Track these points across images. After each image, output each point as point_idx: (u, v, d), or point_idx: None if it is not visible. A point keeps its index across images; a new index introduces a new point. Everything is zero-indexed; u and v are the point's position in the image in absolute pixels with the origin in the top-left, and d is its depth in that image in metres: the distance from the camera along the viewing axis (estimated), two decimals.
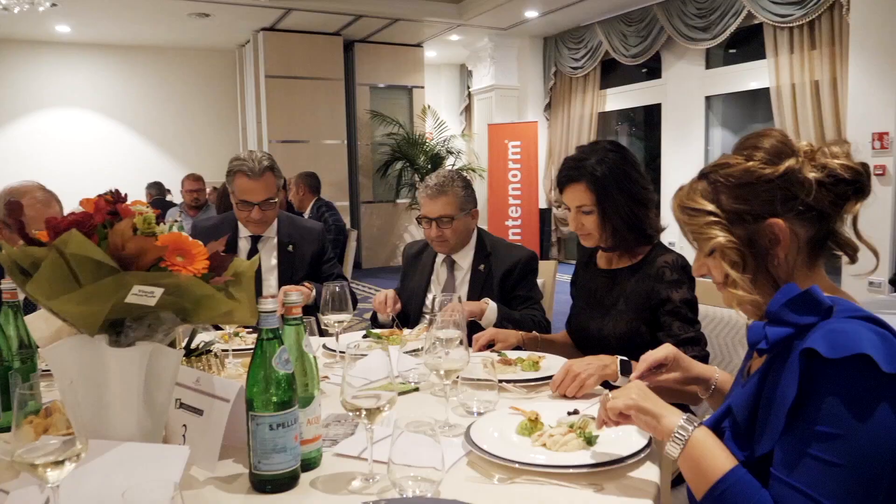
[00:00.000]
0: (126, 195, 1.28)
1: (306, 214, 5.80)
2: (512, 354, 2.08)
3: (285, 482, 1.22)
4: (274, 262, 2.94)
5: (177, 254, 1.16)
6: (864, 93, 6.31)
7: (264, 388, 1.19)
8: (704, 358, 1.94)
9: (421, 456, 1.23)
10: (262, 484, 1.21)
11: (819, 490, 0.99)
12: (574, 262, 2.71)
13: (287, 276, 2.88)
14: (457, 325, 1.68)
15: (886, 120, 6.13)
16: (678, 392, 1.59)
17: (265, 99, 10.34)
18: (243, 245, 2.93)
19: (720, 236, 1.20)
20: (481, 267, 2.64)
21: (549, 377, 1.88)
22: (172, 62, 11.32)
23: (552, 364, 1.99)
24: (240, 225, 2.93)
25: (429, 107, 11.56)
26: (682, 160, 8.81)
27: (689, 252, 2.27)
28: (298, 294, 1.32)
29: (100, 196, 1.24)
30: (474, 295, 2.56)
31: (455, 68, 13.13)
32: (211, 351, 1.64)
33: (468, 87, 12.24)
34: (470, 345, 1.97)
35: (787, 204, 1.17)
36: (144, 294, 1.07)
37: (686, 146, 8.87)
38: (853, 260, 1.24)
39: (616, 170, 2.06)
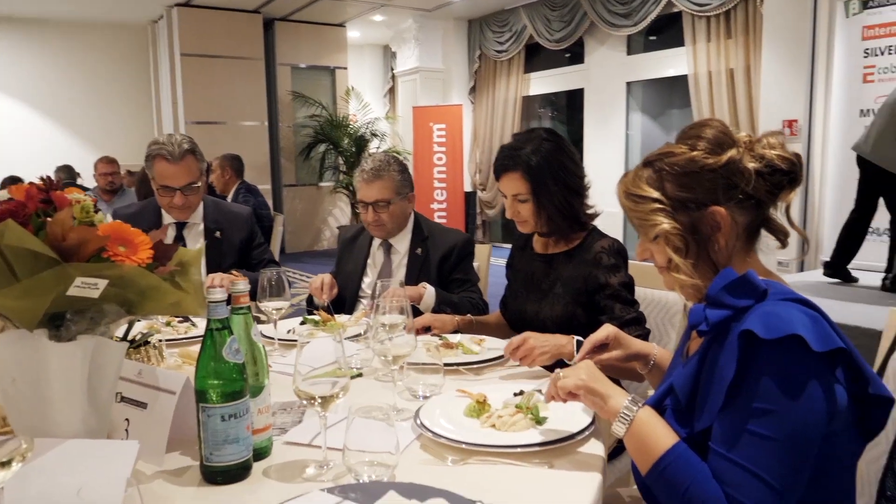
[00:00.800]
0: (58, 181, 1.23)
1: (229, 198, 5.66)
2: (453, 338, 2.11)
3: (238, 473, 1.21)
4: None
5: (119, 243, 1.12)
6: (775, 81, 6.60)
7: (215, 379, 1.17)
8: (645, 335, 2.02)
9: (374, 441, 1.24)
10: (215, 475, 1.20)
11: (755, 462, 1.06)
12: (499, 244, 2.77)
13: (215, 264, 2.81)
14: (403, 311, 1.69)
15: (796, 108, 6.44)
16: (620, 368, 1.66)
17: (181, 78, 9.97)
18: (168, 232, 2.84)
19: (665, 223, 1.25)
20: (418, 251, 2.65)
21: (493, 359, 1.93)
22: (79, 38, 10.74)
23: (493, 346, 2.03)
24: (163, 211, 2.84)
25: (352, 88, 11.43)
26: (603, 144, 9.03)
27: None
28: (245, 283, 1.30)
29: (30, 183, 1.19)
30: (412, 278, 2.57)
31: (378, 49, 13.01)
32: (149, 342, 1.60)
33: (392, 69, 12.15)
34: None
35: (728, 192, 1.22)
36: (87, 286, 1.03)
37: (607, 131, 9.09)
38: (784, 245, 1.31)
39: (550, 159, 2.11)
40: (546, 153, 2.10)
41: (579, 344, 1.82)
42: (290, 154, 11.08)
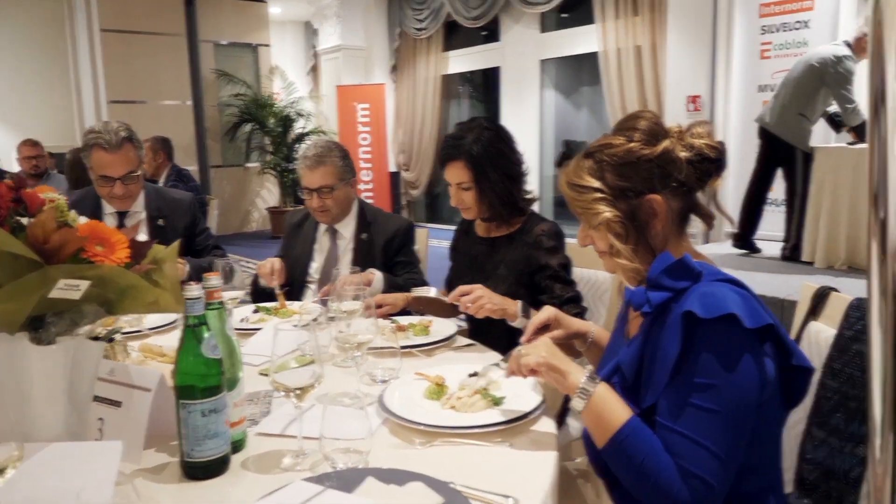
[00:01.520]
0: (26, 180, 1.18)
1: (160, 183, 5.44)
2: (402, 320, 2.13)
3: (218, 467, 1.21)
4: (144, 238, 2.75)
5: (96, 243, 1.08)
6: (679, 58, 6.72)
7: (195, 375, 1.16)
8: (583, 313, 2.10)
9: (346, 427, 1.24)
10: (196, 471, 1.19)
11: (700, 434, 1.12)
12: (424, 224, 2.83)
13: None
14: (359, 297, 1.71)
15: (699, 84, 6.59)
16: (560, 346, 1.71)
17: (101, 55, 9.39)
18: (109, 222, 2.71)
19: (606, 211, 1.29)
20: (364, 236, 2.66)
21: (444, 339, 1.98)
22: None
23: (440, 329, 2.08)
24: (103, 201, 2.73)
25: (276, 67, 11.10)
26: (519, 122, 8.99)
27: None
28: (218, 278, 1.28)
29: None
30: (358, 263, 2.58)
31: (300, 26, 12.63)
32: (113, 339, 1.55)
33: (314, 47, 11.85)
34: None
35: (663, 181, 1.27)
36: (69, 288, 1.00)
37: (522, 108, 9.09)
38: (710, 227, 1.38)
39: (491, 148, 2.15)
40: (487, 142, 2.14)
41: (523, 306, 1.89)
42: (215, 134, 10.69)
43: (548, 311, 1.66)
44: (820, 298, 1.58)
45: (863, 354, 1.39)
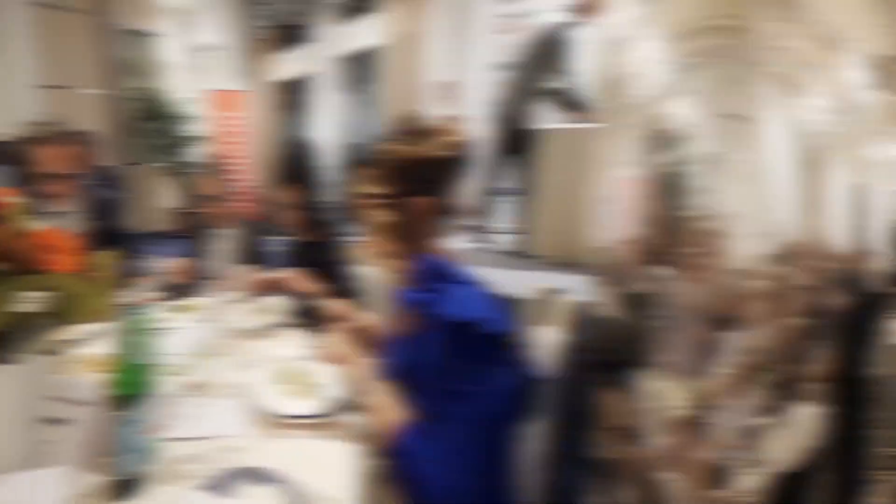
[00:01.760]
0: None
1: (87, 181, 5.17)
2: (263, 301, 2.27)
3: (141, 480, 1.10)
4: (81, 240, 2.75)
5: (51, 251, 1.06)
6: (440, 45, 6.21)
7: (131, 384, 1.06)
8: (364, 308, 2.33)
9: (225, 423, 1.30)
10: (125, 486, 1.08)
11: (454, 442, 1.15)
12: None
13: None
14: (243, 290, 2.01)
15: (453, 69, 6.02)
16: (351, 340, 1.67)
17: (26, 34, 8.45)
18: (48, 222, 2.65)
19: (381, 216, 1.31)
20: (248, 238, 3.05)
21: (281, 321, 2.12)
22: None
23: (279, 309, 2.20)
24: (41, 200, 2.67)
25: (163, 61, 10.38)
26: (320, 127, 7.69)
27: None
28: (147, 284, 1.37)
29: None
30: (245, 261, 2.86)
31: (184, 16, 11.57)
32: (56, 352, 1.29)
33: (191, 44, 11.00)
34: None
35: (427, 182, 1.28)
36: (31, 300, 0.98)
37: (322, 113, 7.82)
38: (465, 225, 1.53)
39: (305, 167, 2.69)
40: (302, 161, 2.65)
41: (324, 291, 2.09)
42: (121, 130, 9.98)
43: (340, 305, 1.81)
44: (549, 301, 1.63)
45: (589, 364, 1.46)
